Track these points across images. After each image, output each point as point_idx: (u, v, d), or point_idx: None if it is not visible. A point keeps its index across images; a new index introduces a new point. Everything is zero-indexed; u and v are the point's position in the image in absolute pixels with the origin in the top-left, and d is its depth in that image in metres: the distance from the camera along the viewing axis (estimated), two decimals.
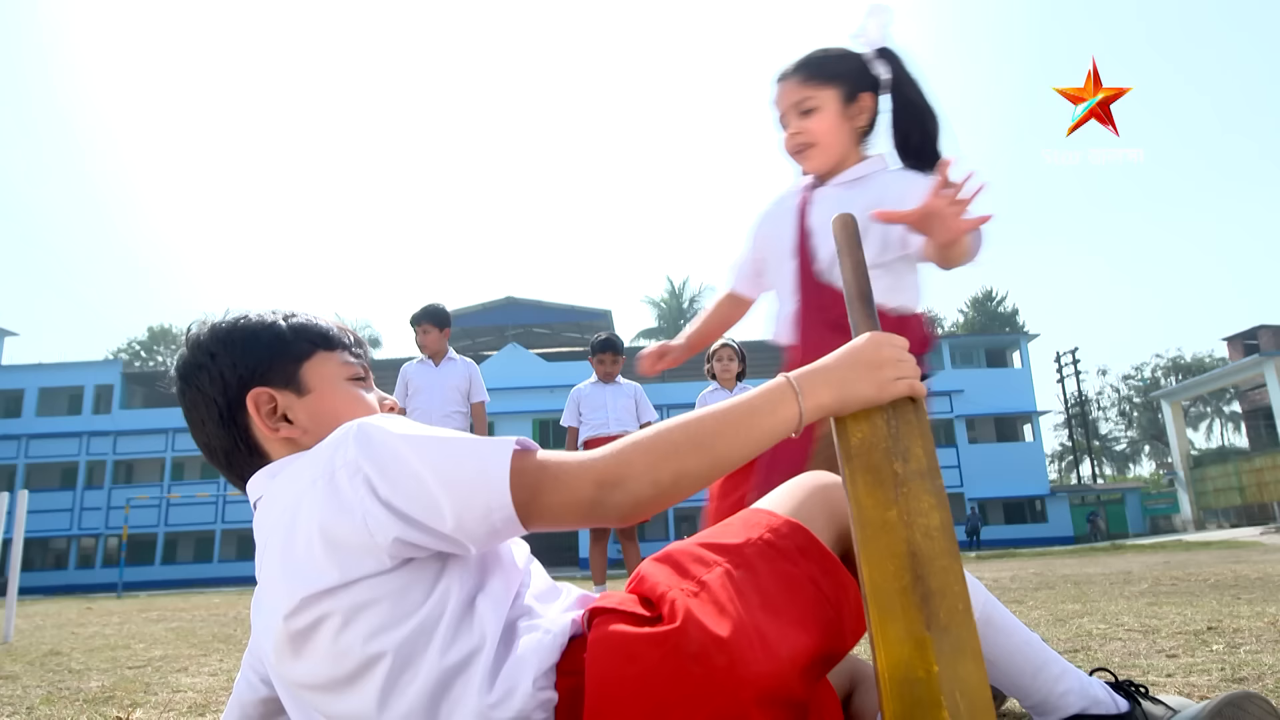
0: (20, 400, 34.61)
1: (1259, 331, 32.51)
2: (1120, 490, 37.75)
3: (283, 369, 0.99)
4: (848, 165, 1.57)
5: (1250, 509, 29.92)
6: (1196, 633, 2.46)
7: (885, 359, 0.92)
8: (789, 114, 1.56)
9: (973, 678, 0.75)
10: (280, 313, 1.03)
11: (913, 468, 0.87)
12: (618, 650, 0.78)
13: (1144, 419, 54.26)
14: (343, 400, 1.01)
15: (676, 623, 0.78)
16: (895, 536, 0.82)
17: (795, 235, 1.56)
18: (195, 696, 2.22)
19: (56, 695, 2.34)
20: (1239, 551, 9.14)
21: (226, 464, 0.99)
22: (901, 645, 0.76)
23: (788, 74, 1.56)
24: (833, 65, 1.54)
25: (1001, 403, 35.13)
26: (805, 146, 1.55)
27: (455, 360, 4.85)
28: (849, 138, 1.56)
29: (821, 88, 1.53)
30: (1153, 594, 3.99)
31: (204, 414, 0.98)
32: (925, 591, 0.79)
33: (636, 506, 0.83)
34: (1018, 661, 1.08)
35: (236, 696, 1.03)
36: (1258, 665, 1.85)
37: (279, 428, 0.96)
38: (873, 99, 1.56)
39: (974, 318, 52.48)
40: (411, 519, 0.80)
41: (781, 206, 1.66)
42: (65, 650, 3.81)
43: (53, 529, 32.66)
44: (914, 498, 0.85)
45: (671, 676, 0.75)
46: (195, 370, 0.98)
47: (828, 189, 1.57)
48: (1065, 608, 3.52)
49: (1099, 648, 2.27)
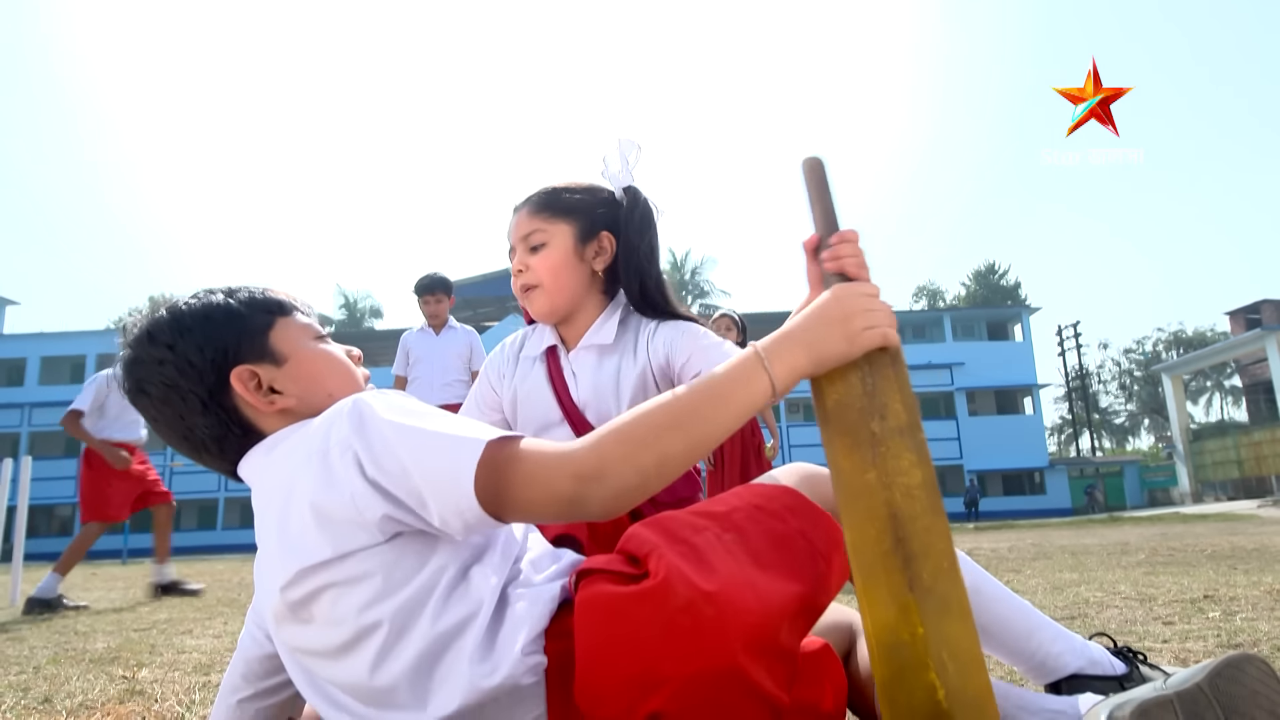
0: (22, 369, 34.69)
1: (1262, 306, 32.42)
2: (1119, 463, 37.89)
3: (251, 343, 0.97)
4: (587, 315, 1.39)
5: (1248, 482, 30.05)
6: (1193, 600, 2.48)
7: (853, 309, 0.88)
8: (517, 247, 1.38)
9: (961, 636, 0.74)
10: (221, 290, 1.01)
11: (891, 425, 0.84)
12: (606, 610, 0.78)
13: (1144, 393, 54.33)
14: (320, 360, 1.01)
15: (662, 578, 0.78)
16: (875, 500, 0.81)
17: (559, 408, 1.38)
18: (200, 657, 2.25)
19: (63, 655, 2.36)
20: (1236, 524, 9.19)
21: (218, 452, 0.97)
22: (886, 609, 0.76)
23: (521, 205, 1.39)
24: (570, 197, 1.37)
25: (1002, 375, 35.15)
26: (531, 286, 1.37)
27: (456, 329, 4.82)
28: (582, 281, 1.37)
29: (553, 221, 1.35)
30: (1149, 564, 4.02)
31: (181, 408, 0.95)
32: (907, 554, 0.77)
33: (619, 497, 0.80)
34: (1009, 625, 1.08)
35: (241, 651, 1.04)
36: (1254, 632, 1.86)
37: (273, 401, 0.95)
38: (614, 240, 1.39)
39: (976, 290, 52.34)
40: (399, 501, 0.81)
41: (524, 367, 1.45)
42: (71, 614, 3.85)
43: (57, 496, 32.87)
44: (893, 457, 0.83)
45: (660, 631, 0.75)
46: (156, 367, 0.95)
47: (583, 355, 1.39)
48: (1062, 576, 3.55)
49: (1096, 615, 2.29)
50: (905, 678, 0.72)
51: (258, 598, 0.97)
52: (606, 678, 0.75)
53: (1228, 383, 49.75)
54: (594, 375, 1.37)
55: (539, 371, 1.42)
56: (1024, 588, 3.15)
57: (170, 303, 1.00)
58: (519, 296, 1.40)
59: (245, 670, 1.03)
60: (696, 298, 47.13)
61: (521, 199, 1.40)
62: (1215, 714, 0.84)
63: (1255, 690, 0.87)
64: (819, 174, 1.01)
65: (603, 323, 1.39)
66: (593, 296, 1.39)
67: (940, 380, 34.87)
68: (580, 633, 0.78)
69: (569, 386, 1.38)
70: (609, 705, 0.75)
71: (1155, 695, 0.85)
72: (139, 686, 1.79)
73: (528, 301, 1.38)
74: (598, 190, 1.40)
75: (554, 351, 1.42)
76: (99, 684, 1.84)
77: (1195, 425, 39.39)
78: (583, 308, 1.39)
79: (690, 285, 47.47)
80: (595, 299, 1.40)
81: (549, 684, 0.81)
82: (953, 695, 0.71)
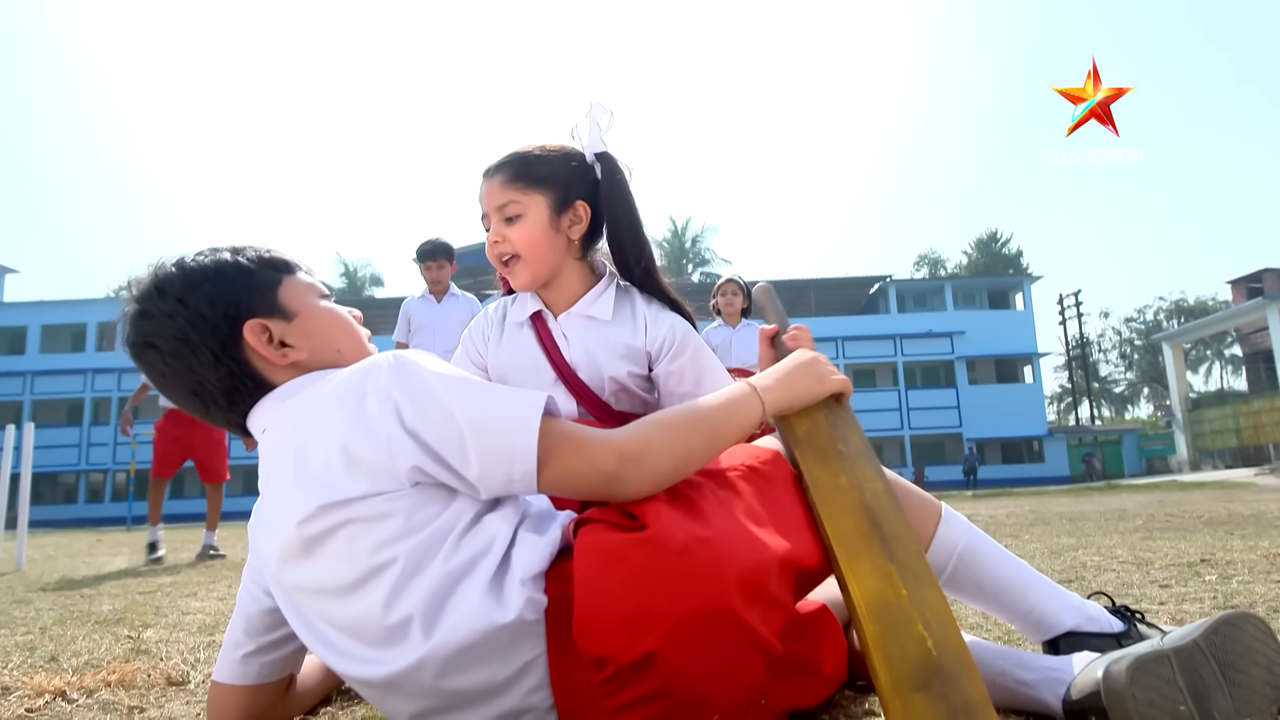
0: (23, 337, 34.69)
1: (1263, 275, 32.28)
2: (1117, 432, 38.03)
3: (263, 299, 1.00)
4: (569, 282, 1.41)
5: (1246, 450, 30.17)
6: (1189, 564, 2.49)
7: (818, 362, 1.09)
8: (492, 217, 1.37)
9: (937, 601, 0.85)
10: (227, 249, 1.03)
11: (854, 448, 1.02)
12: (604, 553, 0.82)
13: (1144, 361, 54.34)
14: (328, 317, 1.05)
15: (659, 525, 0.83)
16: (850, 497, 0.95)
17: (553, 371, 1.38)
18: (204, 618, 2.27)
19: (69, 617, 2.39)
20: (1233, 491, 9.25)
21: (228, 404, 0.99)
22: (870, 577, 0.86)
23: (492, 172, 1.36)
24: (543, 166, 1.36)
25: (1002, 344, 35.14)
26: (509, 258, 1.37)
27: (458, 296, 4.79)
28: (560, 250, 1.38)
29: (528, 192, 1.34)
30: (1146, 530, 4.04)
31: (193, 361, 0.97)
32: (883, 535, 0.91)
33: (654, 480, 0.89)
34: (1005, 582, 1.09)
35: (241, 608, 1.05)
36: (1249, 594, 1.87)
37: (285, 354, 0.98)
38: (588, 208, 1.39)
39: (978, 259, 52.09)
40: (434, 452, 0.84)
41: (510, 333, 1.45)
42: (77, 577, 3.89)
43: (61, 464, 33.08)
44: (858, 469, 0.99)
45: (657, 573, 0.80)
46: (166, 320, 0.97)
47: (574, 319, 1.40)
48: (1060, 541, 3.57)
49: (1093, 578, 2.30)
50: (897, 631, 0.82)
51: (257, 549, 0.99)
52: (604, 617, 0.78)
53: (1228, 351, 49.77)
54: (586, 338, 1.38)
55: (527, 336, 1.42)
56: (1022, 552, 3.17)
57: (177, 259, 1.01)
58: (497, 266, 1.41)
59: (246, 626, 1.03)
60: (698, 266, 46.94)
61: (492, 164, 1.38)
62: (1211, 669, 0.85)
63: (1251, 647, 0.87)
64: (771, 295, 1.38)
65: (597, 296, 1.41)
66: (570, 262, 1.41)
67: (941, 349, 34.87)
68: (579, 574, 0.82)
69: (560, 348, 1.39)
70: (606, 643, 0.78)
71: (1152, 650, 0.85)
72: (144, 646, 1.81)
73: (508, 273, 1.39)
74: (570, 156, 1.39)
75: (539, 316, 1.43)
76: (105, 643, 1.86)
77: (1194, 394, 39.48)
78: (562, 273, 1.40)
79: (691, 254, 47.24)
80: (573, 264, 1.41)
81: (549, 624, 0.84)
82: (939, 645, 0.81)
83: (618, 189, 1.38)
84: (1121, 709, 0.81)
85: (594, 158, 1.39)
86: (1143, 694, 0.81)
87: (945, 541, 1.07)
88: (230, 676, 1.05)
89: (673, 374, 1.39)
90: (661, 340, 1.39)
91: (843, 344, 34.76)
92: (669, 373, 1.39)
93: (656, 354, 1.40)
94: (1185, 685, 0.83)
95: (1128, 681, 0.81)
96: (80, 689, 1.35)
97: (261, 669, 1.05)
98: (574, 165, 1.38)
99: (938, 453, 35.33)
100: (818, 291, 37.77)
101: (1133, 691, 0.81)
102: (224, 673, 1.05)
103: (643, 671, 0.78)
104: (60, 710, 1.24)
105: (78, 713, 1.22)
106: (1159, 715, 0.81)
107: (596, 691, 0.81)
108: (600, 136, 1.40)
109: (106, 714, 1.21)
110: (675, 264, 45.97)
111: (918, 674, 0.79)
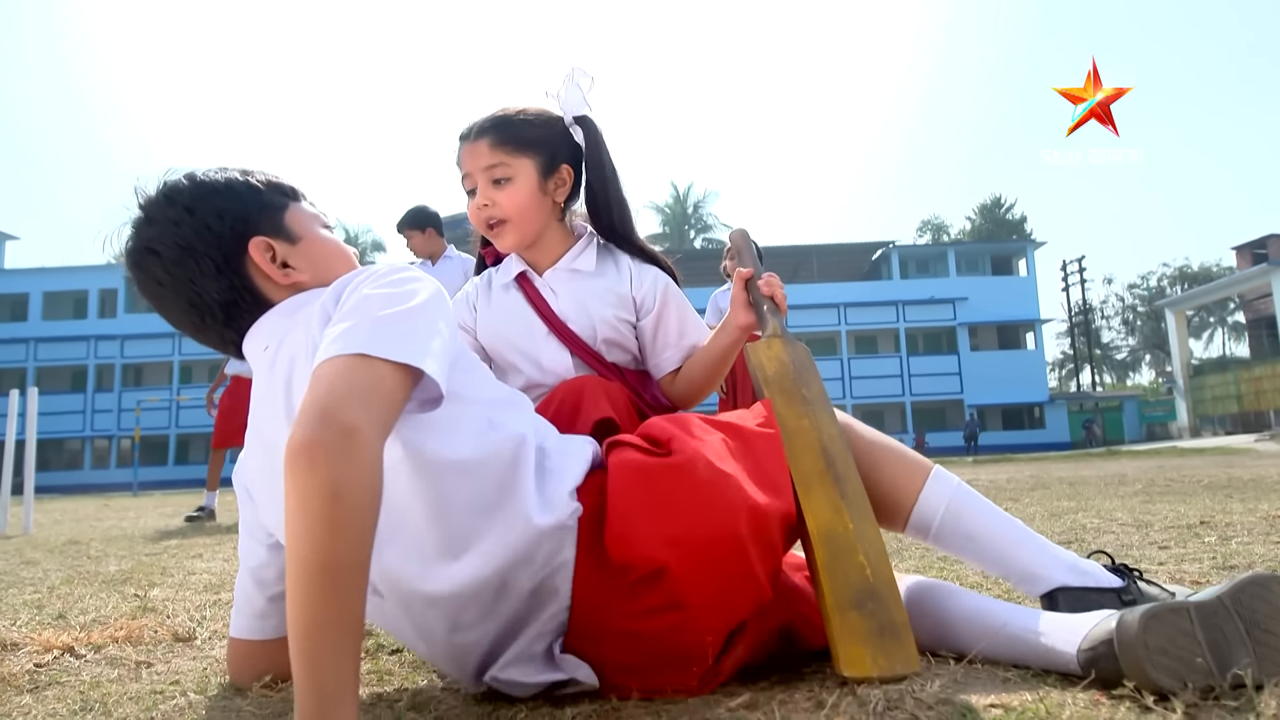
0: (25, 304, 34.67)
1: (1269, 240, 32.03)
2: (1119, 398, 38.08)
3: (270, 219, 1.01)
4: (552, 242, 1.44)
5: (1247, 417, 30.22)
6: (1189, 526, 2.50)
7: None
8: (478, 180, 1.36)
9: (875, 537, 0.99)
10: (236, 169, 1.05)
11: (814, 394, 1.13)
12: (638, 472, 0.92)
13: (1146, 328, 54.19)
14: (330, 245, 1.07)
15: (688, 454, 0.93)
16: (809, 438, 1.05)
17: (544, 325, 1.40)
18: (209, 578, 2.29)
19: (76, 577, 2.41)
20: (1233, 457, 9.29)
21: (224, 319, 1.01)
22: (824, 509, 0.99)
23: (477, 134, 1.35)
24: (531, 130, 1.36)
25: (1005, 310, 35.06)
26: (497, 222, 1.37)
27: (454, 258, 4.77)
28: (546, 213, 1.40)
29: (517, 155, 1.34)
30: (1146, 493, 4.06)
31: (194, 270, 0.98)
32: (836, 474, 1.02)
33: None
34: (996, 537, 1.09)
35: (246, 565, 1.05)
36: (1249, 555, 1.88)
37: (287, 274, 1.01)
38: (573, 172, 1.42)
39: (981, 225, 51.72)
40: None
41: (498, 294, 1.46)
42: (84, 540, 3.92)
43: (66, 430, 33.25)
44: (818, 413, 1.09)
45: (684, 497, 0.89)
46: (172, 227, 0.97)
47: (560, 274, 1.43)
48: (1060, 504, 3.59)
49: (1093, 540, 2.31)
50: (841, 559, 0.95)
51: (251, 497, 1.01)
52: (636, 529, 0.87)
53: (1231, 318, 49.59)
54: (575, 289, 1.43)
55: (515, 296, 1.45)
56: (1022, 515, 3.19)
57: (188, 171, 1.02)
58: (482, 230, 1.41)
59: (256, 580, 1.04)
60: (700, 232, 46.67)
61: (475, 126, 1.37)
62: (1236, 627, 0.83)
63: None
64: (747, 238, 1.47)
65: (579, 251, 1.45)
66: (553, 223, 1.44)
67: (943, 315, 34.80)
68: (614, 488, 0.90)
69: (549, 302, 1.42)
70: (633, 552, 0.86)
71: (1170, 603, 0.84)
72: (151, 604, 1.83)
73: (495, 236, 1.41)
74: (553, 121, 1.41)
75: (524, 277, 1.45)
76: (111, 602, 1.88)
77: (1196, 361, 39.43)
78: (545, 234, 1.43)
79: (693, 219, 46.94)
80: (555, 225, 1.45)
81: (581, 531, 0.90)
82: (875, 574, 0.95)
83: (601, 152, 1.42)
84: (1133, 656, 0.80)
85: (573, 121, 1.41)
86: (1155, 642, 0.80)
87: (933, 494, 1.08)
88: (246, 632, 1.06)
89: (659, 325, 1.44)
90: (646, 289, 1.44)
91: (845, 310, 34.70)
92: (654, 323, 1.44)
93: (641, 302, 1.44)
94: (1205, 639, 0.82)
95: (1140, 629, 0.81)
96: (88, 645, 1.37)
97: (282, 620, 1.04)
98: (559, 130, 1.40)
99: (939, 419, 35.42)
100: (820, 257, 37.56)
101: (1145, 639, 0.80)
102: (240, 629, 1.07)
103: (660, 582, 0.86)
104: (69, 665, 1.25)
105: (86, 668, 1.23)
106: (1173, 665, 0.80)
107: (617, 597, 0.87)
108: (582, 99, 1.41)
109: (114, 669, 1.22)
110: (677, 229, 45.71)
111: (856, 595, 0.93)
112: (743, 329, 1.32)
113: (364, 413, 0.70)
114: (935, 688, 0.87)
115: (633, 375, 1.45)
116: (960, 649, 1.01)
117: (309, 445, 0.67)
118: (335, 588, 0.66)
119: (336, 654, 0.66)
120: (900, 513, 1.09)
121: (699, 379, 1.42)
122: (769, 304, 1.27)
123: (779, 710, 0.84)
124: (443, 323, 0.87)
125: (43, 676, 1.18)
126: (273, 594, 1.04)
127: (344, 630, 0.66)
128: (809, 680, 0.97)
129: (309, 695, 0.65)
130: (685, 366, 1.45)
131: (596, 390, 1.23)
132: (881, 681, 0.88)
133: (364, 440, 0.69)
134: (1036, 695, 0.84)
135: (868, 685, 0.88)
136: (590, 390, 1.23)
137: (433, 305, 0.86)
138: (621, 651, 0.90)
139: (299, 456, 0.67)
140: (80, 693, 1.08)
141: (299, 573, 0.66)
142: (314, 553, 0.65)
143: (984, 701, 0.83)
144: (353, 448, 0.68)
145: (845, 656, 0.89)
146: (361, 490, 0.67)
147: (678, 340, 1.45)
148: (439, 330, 0.84)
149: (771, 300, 1.27)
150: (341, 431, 0.68)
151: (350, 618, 0.67)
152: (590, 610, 0.90)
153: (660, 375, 1.47)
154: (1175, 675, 0.80)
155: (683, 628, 0.88)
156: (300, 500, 0.66)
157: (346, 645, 0.66)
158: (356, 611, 0.67)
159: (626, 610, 0.88)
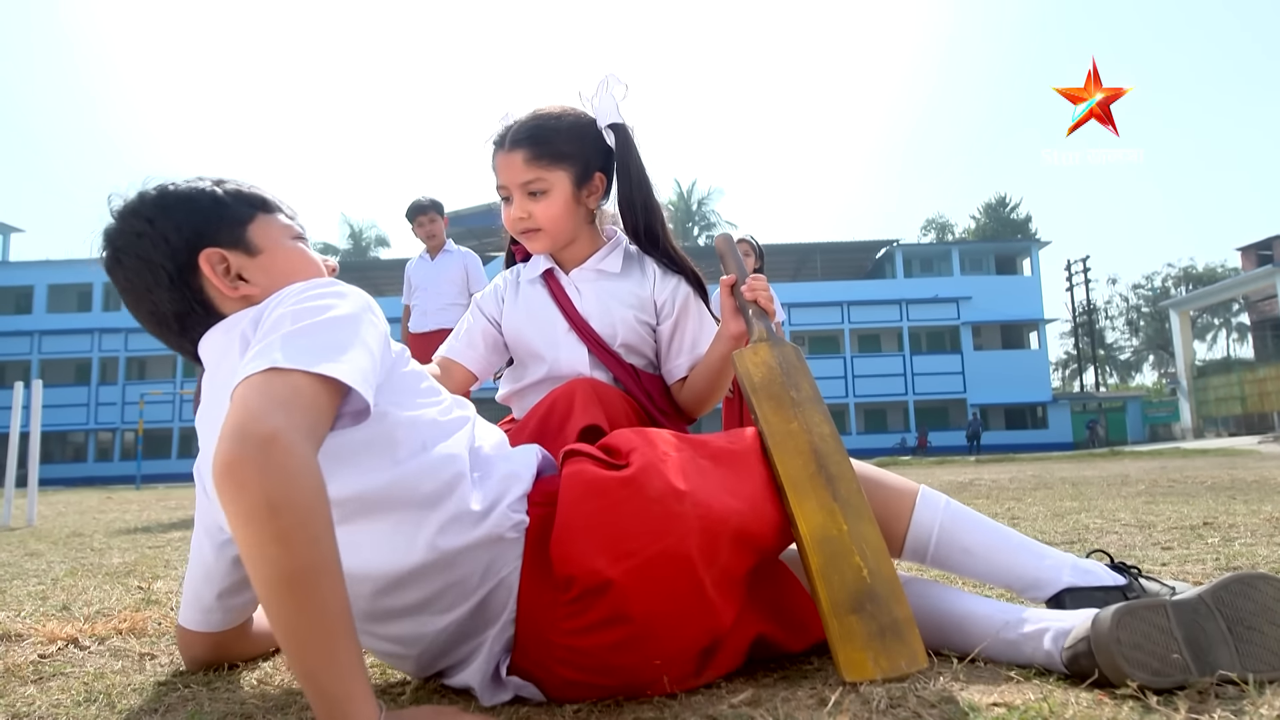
0: (30, 296, 34.73)
1: (1274, 242, 31.96)
2: (1122, 398, 37.98)
3: (229, 231, 1.01)
4: (581, 243, 1.47)
5: (1250, 418, 30.13)
6: (1192, 527, 2.50)
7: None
8: (514, 191, 1.38)
9: (872, 535, 0.97)
10: (210, 179, 1.05)
11: (804, 394, 1.10)
12: (590, 486, 0.90)
13: (1150, 328, 54.06)
14: (295, 258, 1.06)
15: (640, 468, 0.91)
16: (800, 441, 1.03)
17: (565, 321, 1.43)
18: None
19: (80, 569, 2.42)
20: (1236, 458, 9.26)
21: (179, 329, 1.02)
22: (816, 514, 0.96)
23: (512, 145, 1.37)
24: (565, 143, 1.37)
25: (1009, 310, 34.97)
26: (532, 231, 1.41)
27: (453, 252, 4.83)
28: (579, 219, 1.43)
29: (552, 168, 1.36)
30: (1149, 494, 4.05)
31: (150, 280, 1.00)
32: (828, 475, 1.00)
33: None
34: (994, 546, 1.08)
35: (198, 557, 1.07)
36: (1252, 556, 1.88)
37: (237, 287, 1.00)
38: (605, 179, 1.44)
39: (986, 224, 51.58)
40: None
41: (525, 290, 1.50)
42: (87, 532, 3.94)
43: (70, 423, 33.32)
44: (808, 415, 1.06)
45: (634, 513, 0.88)
46: (134, 238, 0.99)
47: (586, 273, 1.46)
48: (1063, 505, 3.58)
49: (1096, 540, 2.31)
50: (837, 562, 0.94)
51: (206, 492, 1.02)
52: (583, 542, 0.86)
53: (1235, 319, 49.44)
54: (598, 290, 1.45)
55: (540, 292, 1.48)
56: (1025, 515, 3.18)
57: (160, 183, 1.03)
58: (517, 236, 1.45)
59: (205, 573, 1.06)
60: (703, 229, 46.61)
61: (509, 136, 1.38)
62: (1217, 625, 0.84)
63: (1268, 606, 0.85)
64: (731, 243, 1.41)
65: (607, 253, 1.48)
66: (584, 226, 1.47)
67: (946, 314, 34.73)
68: (564, 500, 0.90)
69: (573, 300, 1.45)
70: (579, 565, 0.85)
71: (1147, 600, 0.85)
72: (154, 596, 1.84)
73: (528, 241, 1.45)
74: (585, 127, 1.41)
75: (551, 274, 1.49)
76: (115, 594, 1.89)
77: (1200, 362, 39.35)
78: (577, 236, 1.47)
79: (697, 216, 46.89)
80: (586, 228, 1.48)
81: (527, 543, 0.91)
82: (873, 573, 0.93)
83: (632, 158, 1.43)
84: (1106, 652, 0.81)
85: (607, 127, 1.42)
86: (1129, 638, 0.81)
87: (924, 517, 1.07)
88: (193, 624, 1.10)
89: (675, 331, 1.47)
90: (667, 295, 1.46)
91: (848, 308, 34.65)
92: (671, 329, 1.47)
93: (661, 307, 1.46)
94: (1182, 636, 0.82)
95: (1113, 625, 0.81)
96: (92, 636, 1.37)
97: (226, 615, 1.09)
98: (591, 138, 1.41)
99: (942, 418, 35.37)
100: (824, 255, 37.49)
101: (1117, 634, 0.81)
102: (188, 620, 1.10)
103: (602, 597, 0.84)
104: (73, 656, 1.25)
105: (89, 659, 1.24)
106: (1147, 660, 0.80)
107: (559, 612, 0.87)
108: (616, 107, 1.42)
109: (118, 660, 1.22)
110: (681, 227, 45.63)
111: (853, 598, 0.91)
112: (735, 338, 1.31)
113: (283, 419, 0.69)
114: (938, 686, 0.88)
115: (649, 379, 1.46)
116: (956, 650, 1.01)
117: (231, 464, 0.67)
118: (305, 595, 0.66)
119: (329, 658, 0.66)
120: (894, 540, 1.08)
121: (701, 388, 1.43)
122: (754, 308, 1.25)
123: (782, 707, 0.84)
124: (367, 331, 0.85)
125: (47, 667, 1.18)
126: (220, 590, 1.06)
127: (328, 633, 0.66)
128: (812, 677, 0.97)
129: (317, 701, 0.66)
130: (690, 376, 1.46)
131: (590, 396, 1.23)
132: (885, 680, 0.87)
133: (285, 445, 0.68)
134: (1040, 694, 0.84)
135: (871, 683, 0.87)
136: (583, 395, 1.23)
137: (354, 318, 0.86)
138: (568, 669, 0.88)
139: (225, 478, 0.67)
140: (84, 684, 1.08)
141: (265, 590, 0.66)
142: (271, 568, 0.66)
143: (987, 700, 0.83)
144: (275, 455, 0.67)
145: (846, 662, 0.88)
146: (298, 495, 0.67)
147: (690, 349, 1.46)
148: (361, 340, 0.83)
149: (756, 304, 1.25)
150: (260, 443, 0.67)
151: (330, 619, 0.67)
152: (535, 624, 0.89)
153: (672, 381, 1.48)
154: (1149, 670, 0.80)
155: (627, 645, 0.86)
156: (242, 521, 0.66)
157: (337, 646, 0.66)
158: (335, 610, 0.67)
159: (570, 626, 0.86)
